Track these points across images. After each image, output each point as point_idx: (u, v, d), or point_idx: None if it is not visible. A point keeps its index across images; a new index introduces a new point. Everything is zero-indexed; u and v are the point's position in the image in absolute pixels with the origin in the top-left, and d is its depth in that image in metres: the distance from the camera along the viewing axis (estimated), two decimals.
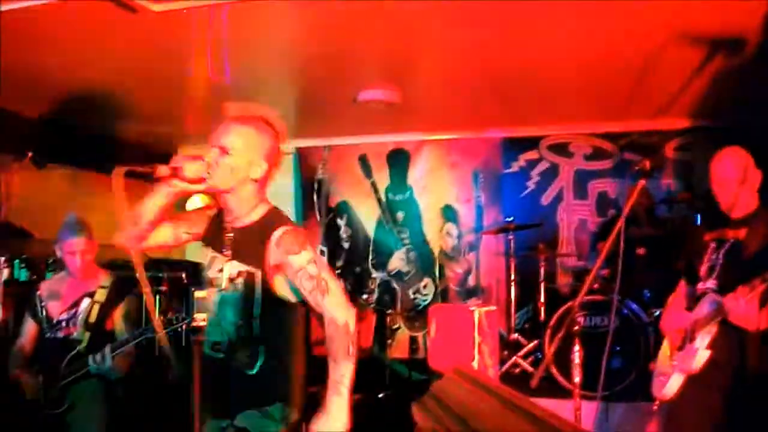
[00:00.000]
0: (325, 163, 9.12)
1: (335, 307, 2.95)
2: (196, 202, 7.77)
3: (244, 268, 3.06)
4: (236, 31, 5.17)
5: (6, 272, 5.94)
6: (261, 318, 3.06)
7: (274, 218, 3.10)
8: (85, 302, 4.78)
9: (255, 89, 6.65)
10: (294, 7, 4.67)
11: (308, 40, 5.38)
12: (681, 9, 4.66)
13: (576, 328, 3.17)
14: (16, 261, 6.66)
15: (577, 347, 3.22)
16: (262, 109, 3.15)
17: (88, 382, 4.56)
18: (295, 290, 3.05)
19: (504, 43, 5.42)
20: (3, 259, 5.72)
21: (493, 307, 3.02)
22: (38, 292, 4.82)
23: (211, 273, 3.18)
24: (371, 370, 7.72)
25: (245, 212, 3.12)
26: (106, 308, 4.80)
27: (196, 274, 6.98)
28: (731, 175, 3.86)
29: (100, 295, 4.81)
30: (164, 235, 3.20)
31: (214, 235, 3.22)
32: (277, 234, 3.00)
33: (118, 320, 4.81)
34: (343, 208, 9.09)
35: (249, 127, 3.08)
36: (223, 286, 3.10)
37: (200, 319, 2.79)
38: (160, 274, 7.34)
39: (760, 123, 6.81)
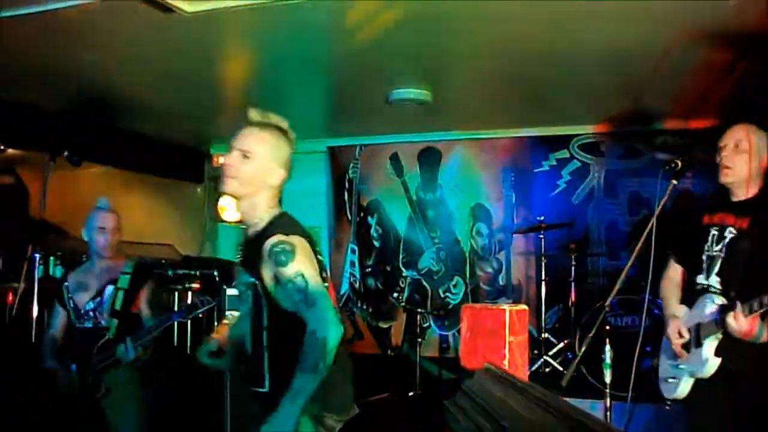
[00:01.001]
0: (357, 162, 9.16)
1: (317, 321, 2.87)
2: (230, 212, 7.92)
3: (251, 279, 3.04)
4: (269, 31, 5.22)
5: (41, 269, 6.03)
6: (269, 330, 3.04)
7: (274, 226, 3.05)
8: (109, 290, 4.81)
9: (287, 89, 6.71)
10: (326, 8, 4.69)
11: (341, 41, 5.40)
12: (713, 11, 4.64)
13: (607, 327, 3.14)
14: (51, 258, 6.77)
15: (607, 347, 3.19)
16: (276, 118, 3.15)
17: (122, 368, 4.63)
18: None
19: (535, 42, 5.41)
20: (39, 256, 5.80)
21: (524, 306, 3.01)
22: (66, 283, 4.89)
23: (237, 285, 3.24)
24: (402, 368, 7.75)
25: (257, 219, 3.11)
26: (130, 294, 4.82)
27: (227, 272, 7.08)
28: (742, 145, 3.68)
29: (123, 282, 4.84)
30: None
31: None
32: (268, 244, 2.95)
33: (143, 305, 4.84)
34: (374, 207, 9.13)
35: (268, 134, 3.09)
36: (240, 298, 3.13)
37: (231, 316, 2.81)
38: (192, 272, 7.42)
39: None
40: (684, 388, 3.77)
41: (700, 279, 3.78)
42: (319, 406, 2.95)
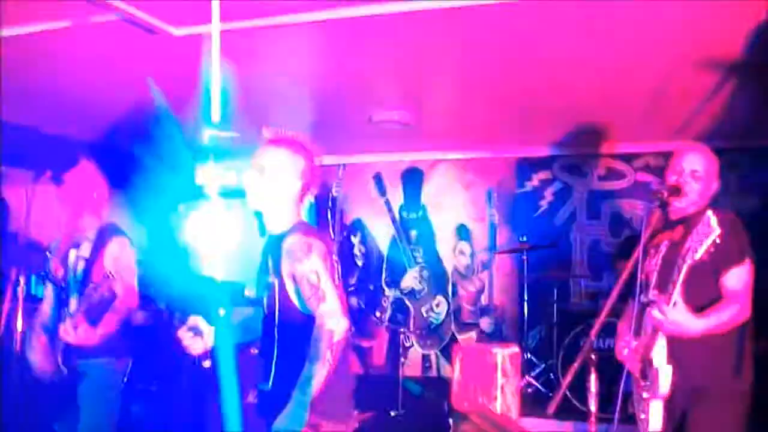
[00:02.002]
0: (340, 181, 9.16)
1: (327, 314, 3.03)
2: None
3: (269, 279, 3.23)
4: (254, 53, 5.24)
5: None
6: (279, 329, 3.20)
7: (293, 229, 3.24)
8: (72, 255, 4.59)
9: (271, 108, 6.72)
10: (311, 31, 4.71)
11: (324, 62, 5.43)
12: (697, 33, 4.68)
13: (593, 357, 3.13)
14: (33, 276, 6.70)
15: (593, 376, 3.18)
16: (294, 132, 3.37)
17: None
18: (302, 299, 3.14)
19: (518, 64, 5.45)
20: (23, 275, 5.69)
21: (515, 349, 3.02)
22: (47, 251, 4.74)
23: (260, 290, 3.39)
24: (384, 388, 7.73)
25: (280, 227, 3.28)
26: (91, 262, 4.52)
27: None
28: (698, 173, 3.69)
29: (85, 249, 4.57)
30: None
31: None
32: (287, 242, 3.15)
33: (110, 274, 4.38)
34: (357, 227, 9.12)
35: (283, 149, 3.29)
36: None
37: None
38: None
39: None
40: (656, 420, 3.73)
41: (642, 299, 3.78)
42: (317, 413, 3.01)
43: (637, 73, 5.54)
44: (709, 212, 3.23)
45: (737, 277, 3.53)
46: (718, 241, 3.16)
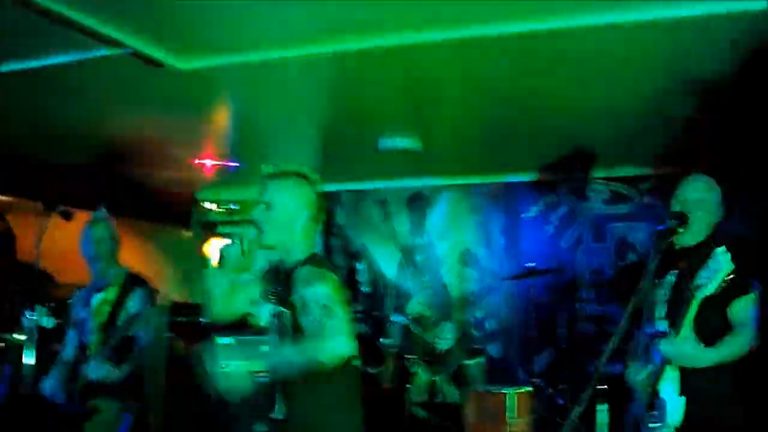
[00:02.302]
0: (345, 207, 9.18)
1: (333, 329, 3.00)
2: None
3: (279, 309, 3.26)
4: (259, 85, 5.29)
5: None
6: None
7: (307, 261, 3.26)
8: (96, 299, 4.73)
9: (277, 136, 6.77)
10: (316, 63, 4.76)
11: (330, 92, 5.47)
12: (694, 59, 4.72)
13: (605, 386, 3.14)
14: (42, 308, 6.69)
15: (602, 407, 3.20)
16: (296, 165, 3.40)
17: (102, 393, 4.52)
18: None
19: (523, 92, 5.49)
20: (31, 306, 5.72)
21: (529, 389, 3.03)
22: (70, 300, 4.81)
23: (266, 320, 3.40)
24: (390, 413, 7.71)
25: (293, 260, 3.30)
26: (117, 307, 4.69)
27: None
28: (703, 205, 3.75)
29: (111, 293, 4.73)
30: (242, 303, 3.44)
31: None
32: (300, 271, 3.19)
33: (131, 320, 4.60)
34: (362, 253, 9.13)
35: (286, 182, 3.32)
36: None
37: (224, 365, 2.94)
38: (179, 319, 7.38)
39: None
40: None
41: (648, 329, 3.80)
42: None
43: (638, 99, 5.57)
44: (723, 248, 3.22)
45: (745, 307, 3.55)
46: (731, 276, 3.17)
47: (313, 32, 4.38)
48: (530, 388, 3.14)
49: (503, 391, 2.81)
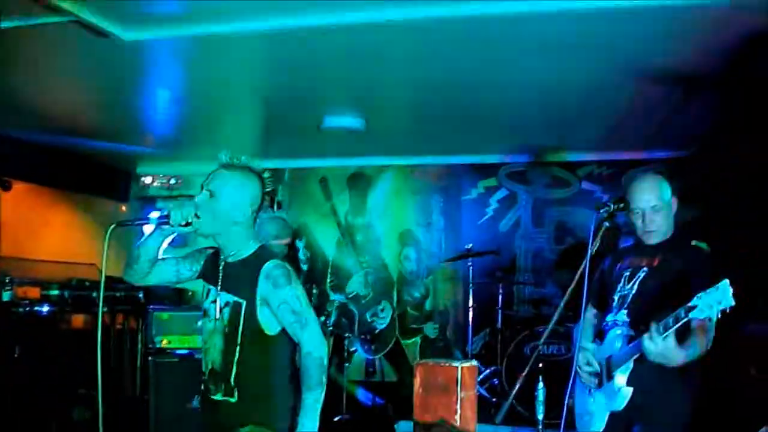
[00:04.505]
0: (286, 185, 9.14)
1: (312, 341, 3.19)
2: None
3: (232, 299, 3.29)
4: (204, 60, 5.23)
5: None
6: (241, 346, 3.26)
7: (265, 254, 3.33)
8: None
9: (219, 113, 6.71)
10: (261, 40, 4.71)
11: (275, 70, 5.42)
12: (644, 45, 4.80)
13: (540, 365, 3.21)
14: None
15: (540, 385, 3.26)
16: (248, 159, 3.38)
17: None
18: (275, 322, 3.25)
19: (467, 76, 5.51)
20: None
21: (474, 362, 3.09)
22: None
23: (205, 304, 3.42)
24: (328, 393, 7.72)
25: (237, 250, 3.33)
26: None
27: (152, 293, 6.98)
28: (657, 206, 3.79)
29: None
30: (167, 273, 3.46)
31: (212, 270, 3.44)
32: (267, 267, 3.23)
33: None
34: (302, 231, 9.10)
35: (235, 174, 3.32)
36: (216, 316, 3.33)
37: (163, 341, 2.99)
38: (118, 294, 7.27)
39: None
40: (599, 423, 3.86)
41: (609, 317, 3.92)
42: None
43: (585, 85, 5.64)
44: (727, 281, 3.18)
45: None
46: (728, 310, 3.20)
47: (258, 8, 4.32)
48: (475, 363, 3.19)
49: (454, 365, 2.87)
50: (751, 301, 3.80)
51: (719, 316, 3.20)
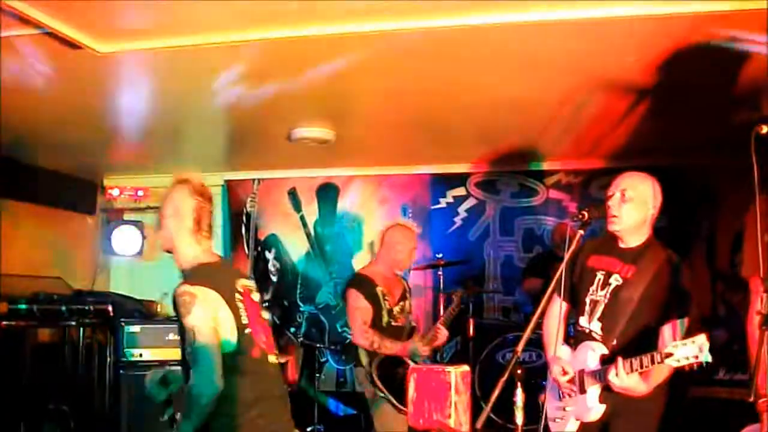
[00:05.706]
0: (254, 196, 9.11)
1: (196, 377, 3.11)
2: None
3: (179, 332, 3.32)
4: (173, 72, 5.21)
5: None
6: (183, 365, 3.32)
7: (186, 274, 3.34)
8: None
9: (187, 125, 6.68)
10: (229, 51, 4.70)
11: (243, 81, 5.41)
12: (614, 59, 4.86)
13: (519, 371, 3.23)
14: None
15: (519, 390, 3.29)
16: (194, 175, 3.49)
17: None
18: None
19: (434, 85, 5.53)
20: None
21: (466, 368, 3.12)
22: None
23: None
24: (299, 404, 7.71)
25: (182, 268, 3.39)
26: None
27: (122, 306, 6.92)
28: (627, 194, 3.82)
29: None
30: None
31: None
32: (175, 291, 3.23)
33: None
34: (271, 242, 9.09)
35: (172, 191, 3.41)
36: None
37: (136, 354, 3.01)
38: (86, 307, 7.21)
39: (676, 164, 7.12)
40: (571, 427, 3.89)
41: (583, 321, 3.94)
42: None
43: (550, 95, 5.69)
44: (704, 337, 3.21)
45: (679, 329, 3.66)
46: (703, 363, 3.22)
47: (229, 21, 4.31)
48: (467, 368, 3.24)
49: (447, 369, 2.91)
50: None
51: (695, 368, 3.23)
